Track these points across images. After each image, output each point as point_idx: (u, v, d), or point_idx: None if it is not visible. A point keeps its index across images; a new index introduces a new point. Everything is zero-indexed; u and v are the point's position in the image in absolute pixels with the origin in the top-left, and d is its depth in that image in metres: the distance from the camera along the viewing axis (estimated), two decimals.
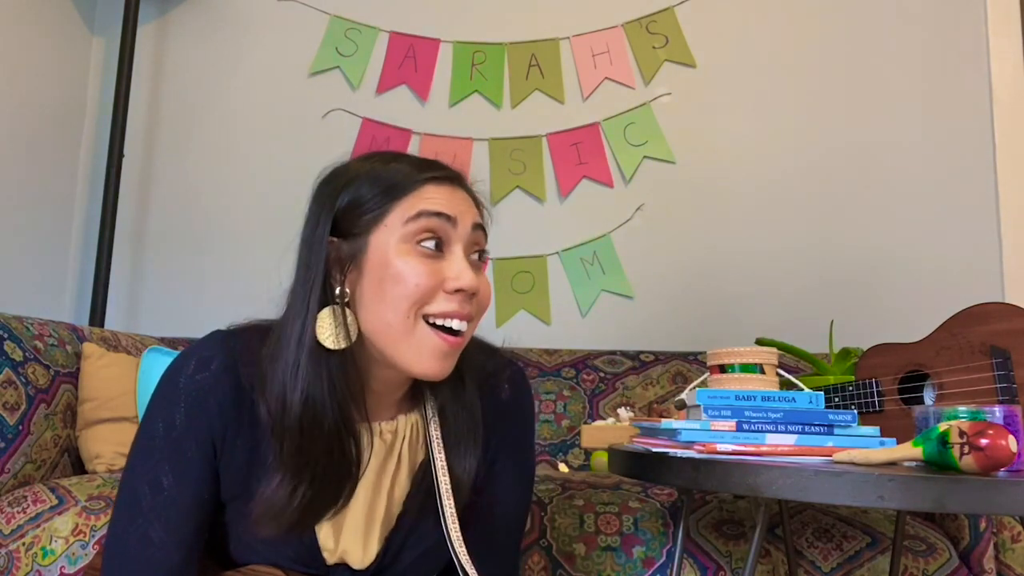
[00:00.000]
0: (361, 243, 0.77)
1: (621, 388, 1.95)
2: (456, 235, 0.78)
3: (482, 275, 0.81)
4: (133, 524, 0.76)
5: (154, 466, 0.76)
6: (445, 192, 0.79)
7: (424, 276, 0.75)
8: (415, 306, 0.75)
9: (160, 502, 0.75)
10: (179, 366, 0.80)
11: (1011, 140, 2.14)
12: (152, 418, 0.78)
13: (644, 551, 1.30)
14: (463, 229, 0.78)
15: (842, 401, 1.22)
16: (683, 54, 2.30)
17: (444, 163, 0.83)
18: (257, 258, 2.32)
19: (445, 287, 0.76)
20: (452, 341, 0.77)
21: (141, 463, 0.77)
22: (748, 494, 0.79)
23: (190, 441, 0.77)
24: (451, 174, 0.82)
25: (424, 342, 0.76)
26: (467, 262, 0.78)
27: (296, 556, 0.80)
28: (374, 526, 0.83)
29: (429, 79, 2.36)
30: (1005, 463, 0.73)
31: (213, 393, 0.77)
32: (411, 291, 0.75)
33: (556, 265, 2.26)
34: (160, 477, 0.76)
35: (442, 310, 0.76)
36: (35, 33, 2.25)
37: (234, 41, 2.46)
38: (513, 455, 0.91)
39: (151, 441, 0.77)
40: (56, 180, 2.35)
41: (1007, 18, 2.19)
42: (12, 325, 1.52)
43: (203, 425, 0.77)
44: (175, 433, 0.76)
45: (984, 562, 1.36)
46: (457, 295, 0.76)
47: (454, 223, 0.78)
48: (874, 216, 2.17)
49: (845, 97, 2.23)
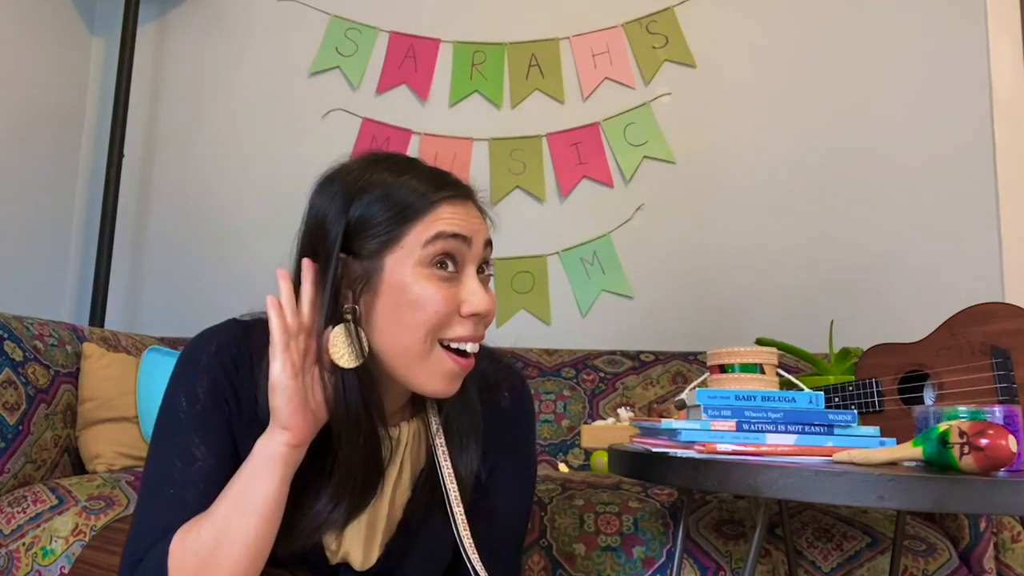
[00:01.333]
0: (376, 264, 0.76)
1: (621, 388, 1.95)
2: (471, 255, 0.78)
3: (489, 292, 0.80)
4: (163, 495, 0.74)
5: (184, 439, 0.76)
6: (460, 211, 0.78)
7: (442, 303, 0.75)
8: (432, 332, 0.75)
9: (193, 472, 0.75)
10: (199, 346, 0.80)
11: (1011, 140, 2.14)
12: (174, 396, 0.78)
13: (644, 551, 1.30)
14: (477, 248, 0.78)
15: (842, 401, 1.22)
16: (683, 54, 2.30)
17: (455, 177, 0.82)
18: (257, 258, 2.32)
19: (461, 311, 0.76)
20: (465, 364, 0.77)
21: (167, 438, 0.76)
22: (748, 494, 0.79)
23: (215, 413, 0.77)
24: (465, 191, 0.81)
25: (439, 366, 0.76)
26: (479, 282, 0.78)
27: (301, 554, 0.80)
28: (376, 531, 0.83)
29: (429, 79, 2.36)
30: (1005, 463, 0.73)
31: (232, 378, 0.78)
32: (430, 317, 0.75)
33: (556, 265, 2.26)
34: (191, 449, 0.75)
35: (457, 335, 0.76)
36: (35, 33, 2.25)
37: (234, 41, 2.46)
38: (514, 461, 0.91)
39: (175, 415, 0.77)
40: (56, 180, 2.35)
41: (1007, 18, 2.19)
42: (12, 325, 1.52)
43: (223, 401, 0.77)
44: (199, 406, 0.77)
45: (984, 562, 1.36)
46: (471, 319, 0.77)
47: (469, 243, 0.77)
48: (874, 216, 2.17)
49: (845, 97, 2.23)
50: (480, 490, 0.86)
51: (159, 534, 0.72)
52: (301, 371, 0.73)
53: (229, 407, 0.78)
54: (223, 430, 0.77)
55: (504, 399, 0.90)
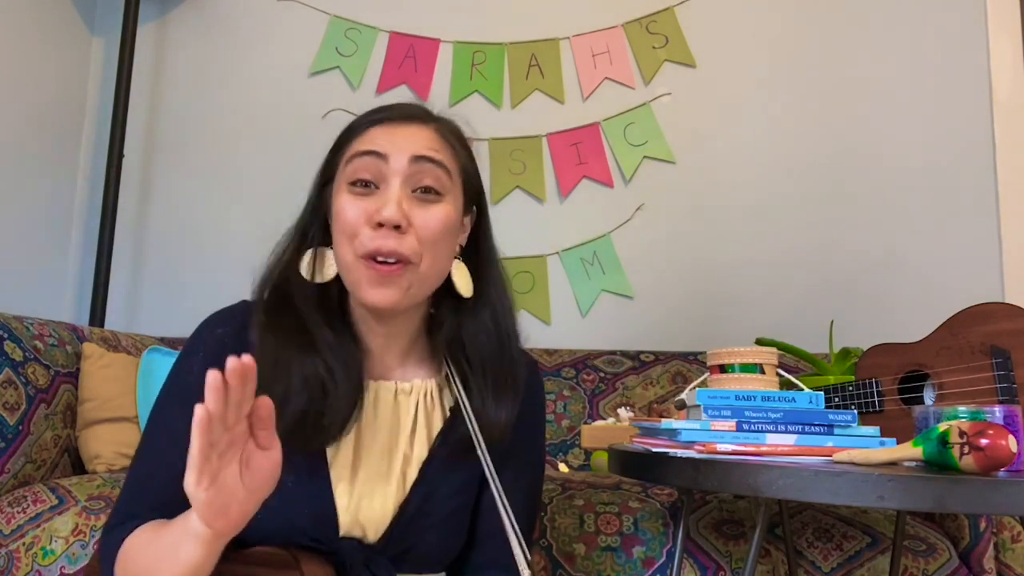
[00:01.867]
0: (329, 190, 0.84)
1: (621, 388, 1.96)
2: (391, 171, 0.80)
3: (426, 209, 0.80)
4: (146, 464, 0.80)
5: (170, 411, 0.80)
6: (387, 131, 0.82)
7: (351, 214, 0.79)
8: (349, 243, 0.79)
9: (172, 444, 0.76)
10: (205, 322, 0.85)
11: (1011, 140, 2.14)
12: (175, 371, 0.83)
13: (644, 551, 1.30)
14: (398, 164, 0.80)
15: (842, 401, 1.22)
16: (683, 54, 2.30)
17: (407, 103, 0.86)
18: (257, 258, 2.31)
19: (369, 221, 0.78)
20: (381, 269, 0.78)
21: (159, 412, 0.82)
22: (748, 494, 0.80)
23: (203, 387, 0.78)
24: (404, 112, 0.84)
25: (361, 272, 0.79)
26: (400, 195, 0.79)
27: (311, 514, 0.79)
28: (389, 486, 0.82)
29: (429, 79, 2.36)
30: (1005, 463, 0.73)
31: (230, 348, 0.78)
32: (343, 228, 0.79)
33: (556, 265, 2.26)
34: (175, 422, 0.78)
35: (366, 246, 0.78)
36: (35, 33, 2.25)
37: (234, 41, 2.46)
38: (521, 462, 0.90)
39: (170, 390, 0.82)
40: (56, 180, 2.35)
41: (1007, 18, 2.19)
42: (12, 325, 1.52)
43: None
44: (191, 378, 0.80)
45: (984, 562, 1.36)
46: (380, 229, 0.78)
47: (386, 159, 0.80)
48: (874, 216, 2.17)
49: (845, 97, 2.23)
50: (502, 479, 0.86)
51: (133, 509, 0.78)
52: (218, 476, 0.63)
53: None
54: None
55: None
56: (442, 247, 0.81)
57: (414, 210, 0.79)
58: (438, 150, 0.82)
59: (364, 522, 0.81)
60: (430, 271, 0.81)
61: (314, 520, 0.80)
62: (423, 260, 0.79)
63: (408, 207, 0.79)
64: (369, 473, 0.82)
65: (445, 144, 0.84)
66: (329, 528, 0.80)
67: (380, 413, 0.85)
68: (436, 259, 0.81)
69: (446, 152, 0.83)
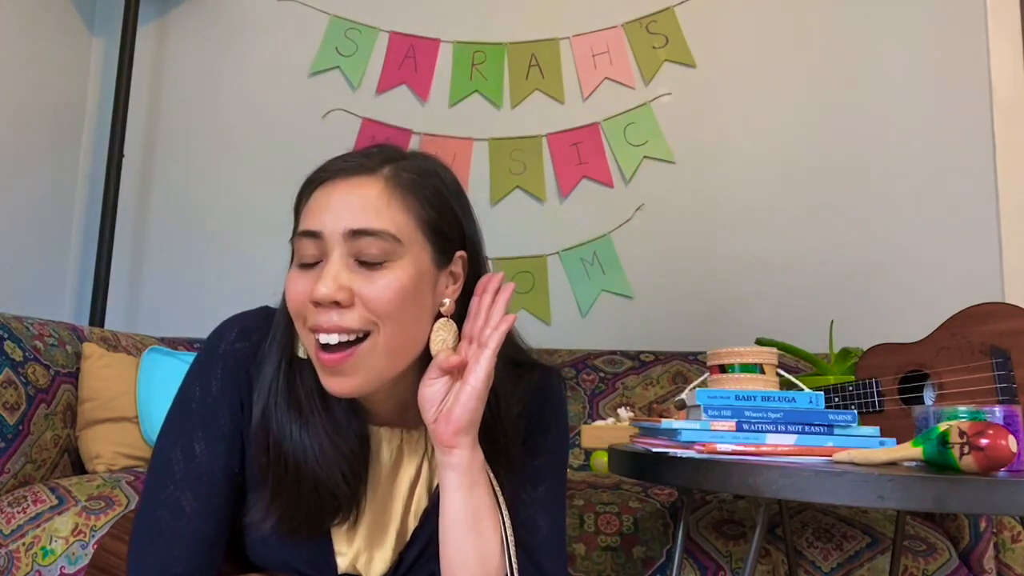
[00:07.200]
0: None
1: (621, 388, 1.95)
2: (328, 246, 0.72)
3: (370, 280, 0.71)
4: (165, 491, 0.75)
5: (188, 432, 0.77)
6: (326, 195, 0.74)
7: (295, 291, 0.73)
8: (303, 322, 0.73)
9: (192, 469, 0.75)
10: (221, 333, 0.80)
11: (1011, 140, 2.14)
12: (190, 383, 0.79)
13: (644, 551, 1.30)
14: (332, 239, 0.72)
15: (842, 401, 1.22)
16: (683, 54, 2.30)
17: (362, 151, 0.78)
18: (257, 258, 2.32)
19: (312, 298, 0.71)
20: (326, 358, 0.71)
21: (176, 428, 0.77)
22: (748, 494, 0.79)
23: (224, 408, 0.77)
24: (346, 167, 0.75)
25: (316, 357, 0.73)
26: (338, 269, 0.71)
27: (310, 559, 0.79)
28: (387, 535, 0.81)
29: (429, 79, 2.36)
30: (1005, 463, 0.73)
31: (249, 366, 0.77)
32: (292, 307, 0.74)
33: (556, 265, 2.26)
34: (193, 443, 0.76)
35: (310, 325, 0.72)
36: (35, 33, 2.25)
37: (234, 41, 2.46)
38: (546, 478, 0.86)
39: (187, 406, 0.78)
40: (56, 180, 2.35)
41: (1007, 18, 2.19)
42: (12, 325, 1.52)
43: (235, 392, 0.77)
44: (210, 399, 0.77)
45: (984, 562, 1.36)
46: (319, 308, 0.71)
47: (320, 237, 0.72)
48: (874, 216, 2.17)
49: (845, 97, 2.23)
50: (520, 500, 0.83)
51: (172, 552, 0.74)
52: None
53: (241, 397, 0.77)
54: (229, 427, 0.77)
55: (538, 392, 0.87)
56: (406, 314, 0.72)
57: (357, 282, 0.71)
58: (379, 212, 0.72)
59: (362, 569, 0.81)
60: (394, 342, 0.72)
61: (312, 567, 0.80)
62: (382, 331, 0.72)
63: (350, 280, 0.71)
64: (369, 527, 0.81)
65: (393, 200, 0.73)
66: (327, 572, 0.80)
67: (382, 462, 0.82)
68: (400, 327, 0.72)
69: (393, 211, 0.73)
